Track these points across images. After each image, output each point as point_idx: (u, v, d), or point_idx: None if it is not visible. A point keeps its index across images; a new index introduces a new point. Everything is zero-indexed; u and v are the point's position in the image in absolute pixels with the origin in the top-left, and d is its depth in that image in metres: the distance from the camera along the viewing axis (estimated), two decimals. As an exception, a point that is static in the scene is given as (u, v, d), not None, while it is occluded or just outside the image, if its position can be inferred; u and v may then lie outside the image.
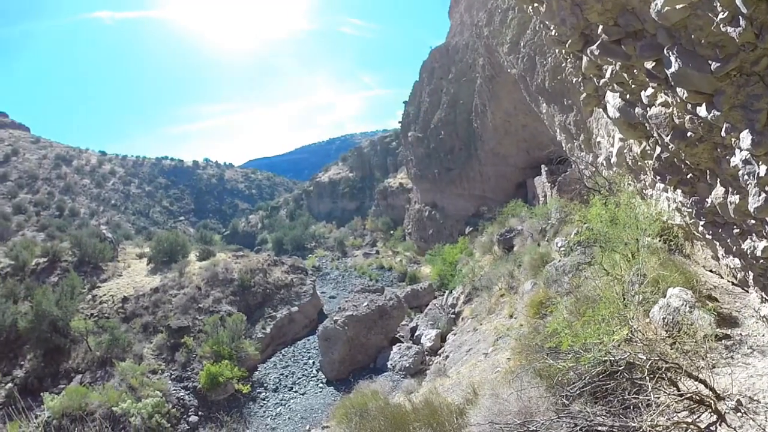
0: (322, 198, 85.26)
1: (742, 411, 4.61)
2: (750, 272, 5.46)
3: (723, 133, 4.43)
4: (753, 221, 4.79)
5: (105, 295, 26.70)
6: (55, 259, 29.79)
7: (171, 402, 19.18)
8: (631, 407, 4.98)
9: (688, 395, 4.65)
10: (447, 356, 18.56)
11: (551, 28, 7.39)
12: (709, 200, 5.56)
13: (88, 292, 26.84)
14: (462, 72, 39.29)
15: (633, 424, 4.46)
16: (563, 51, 7.85)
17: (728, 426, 4.43)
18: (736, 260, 5.82)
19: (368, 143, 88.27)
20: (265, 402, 20.95)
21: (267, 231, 78.32)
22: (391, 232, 58.35)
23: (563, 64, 11.89)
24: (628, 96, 6.47)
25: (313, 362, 24.10)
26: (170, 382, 20.50)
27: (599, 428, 4.90)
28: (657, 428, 4.37)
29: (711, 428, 4.44)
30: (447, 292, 27.94)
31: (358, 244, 59.26)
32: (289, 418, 19.31)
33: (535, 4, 7.49)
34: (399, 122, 59.20)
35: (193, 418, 19.09)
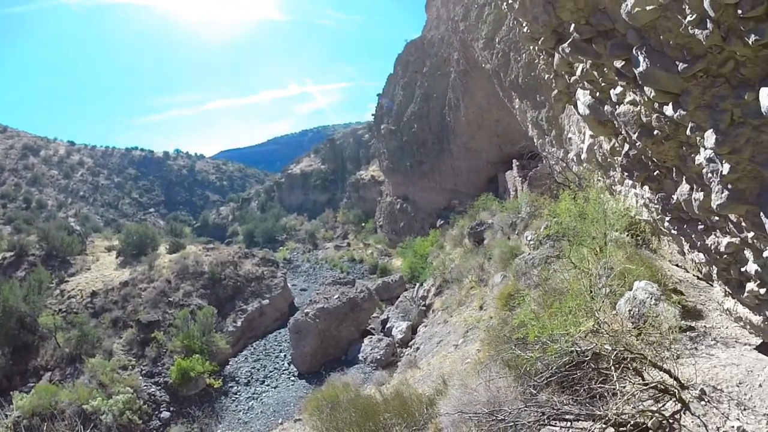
0: (293, 190, 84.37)
1: (706, 400, 4.81)
2: (714, 267, 5.65)
3: (688, 132, 4.57)
4: (716, 218, 4.96)
5: (73, 289, 25.98)
6: (22, 252, 28.85)
7: (142, 398, 18.79)
8: (598, 396, 5.13)
9: (653, 384, 4.81)
10: (418, 348, 18.73)
11: (524, 25, 7.48)
12: (674, 197, 5.72)
13: (56, 286, 26.07)
14: (437, 66, 39.30)
15: (599, 413, 4.58)
16: (536, 48, 7.95)
17: (692, 414, 4.61)
18: (701, 255, 6.01)
19: (341, 135, 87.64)
20: (237, 396, 20.76)
21: (238, 223, 77.27)
22: (363, 224, 58.29)
23: (536, 61, 12.05)
24: (597, 94, 6.60)
25: (285, 355, 23.99)
26: (141, 377, 20.07)
27: (566, 416, 5.02)
28: (622, 416, 4.50)
29: (675, 416, 4.60)
30: (418, 284, 28.14)
31: (329, 236, 59.02)
32: (261, 411, 19.21)
33: (510, 1, 7.57)
34: (372, 114, 59.02)
35: (165, 414, 18.78)
